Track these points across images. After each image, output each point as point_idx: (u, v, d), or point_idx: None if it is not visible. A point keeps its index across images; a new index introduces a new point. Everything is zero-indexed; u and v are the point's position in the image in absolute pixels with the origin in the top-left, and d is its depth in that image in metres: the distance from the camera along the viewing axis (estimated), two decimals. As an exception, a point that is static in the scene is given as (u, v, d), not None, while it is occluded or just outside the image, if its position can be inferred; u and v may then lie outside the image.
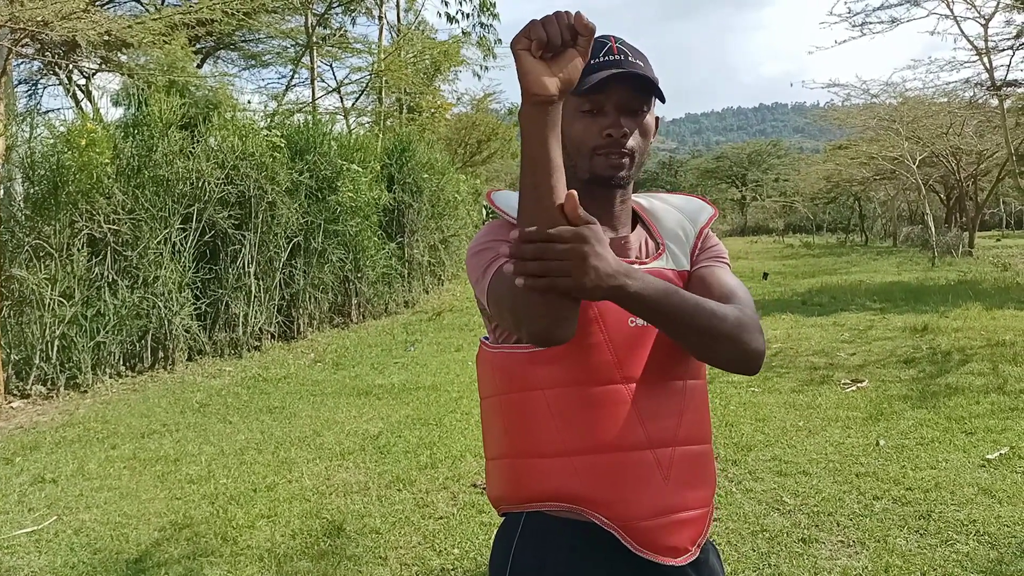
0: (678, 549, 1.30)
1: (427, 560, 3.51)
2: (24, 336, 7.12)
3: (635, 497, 1.28)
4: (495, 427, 1.41)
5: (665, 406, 1.32)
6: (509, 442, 1.36)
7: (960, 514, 3.71)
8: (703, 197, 1.56)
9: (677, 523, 1.30)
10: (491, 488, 1.44)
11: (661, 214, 1.48)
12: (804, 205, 38.36)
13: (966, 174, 23.16)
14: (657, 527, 1.28)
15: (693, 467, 1.34)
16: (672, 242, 1.43)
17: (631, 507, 1.27)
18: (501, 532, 1.40)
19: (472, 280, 1.35)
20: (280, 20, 15.66)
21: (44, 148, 7.60)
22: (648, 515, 1.28)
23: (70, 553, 3.70)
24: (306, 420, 6.06)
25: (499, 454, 1.40)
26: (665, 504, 1.29)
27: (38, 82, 15.69)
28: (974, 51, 12.09)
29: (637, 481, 1.28)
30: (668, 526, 1.29)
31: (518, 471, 1.35)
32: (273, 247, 9.45)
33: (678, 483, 1.31)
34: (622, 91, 1.30)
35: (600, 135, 1.31)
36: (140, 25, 8.39)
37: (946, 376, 6.48)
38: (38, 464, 5.10)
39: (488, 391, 1.42)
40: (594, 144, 1.31)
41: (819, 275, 16.70)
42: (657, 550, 1.28)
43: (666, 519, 1.29)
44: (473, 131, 23.15)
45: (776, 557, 3.37)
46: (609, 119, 1.31)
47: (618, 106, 1.31)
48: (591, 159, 1.32)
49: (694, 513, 1.33)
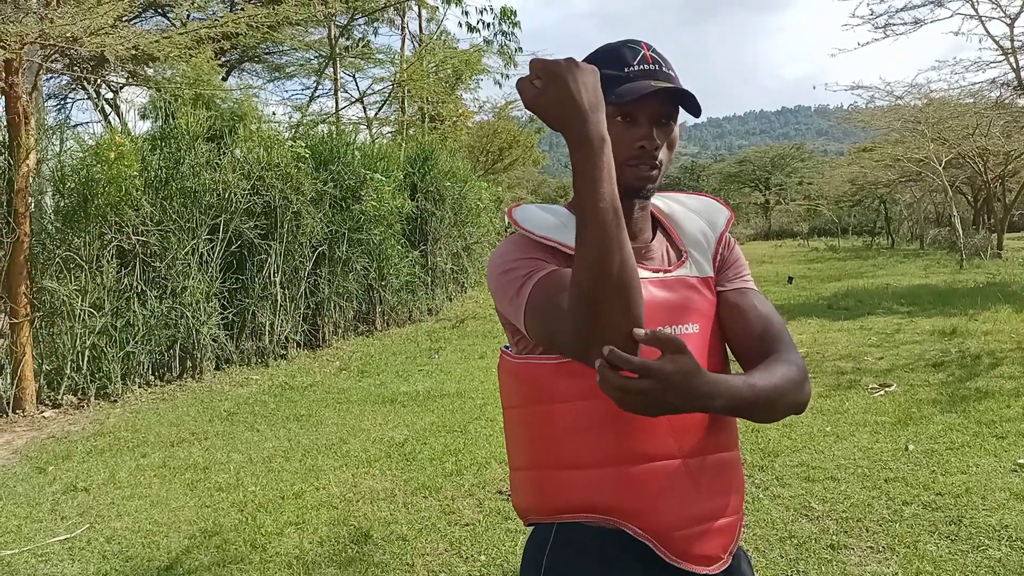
0: (711, 558, 1.30)
1: (454, 567, 3.52)
2: (55, 347, 7.24)
3: (668, 507, 1.27)
4: (521, 438, 1.39)
5: (694, 415, 1.30)
6: (537, 453, 1.35)
7: (992, 519, 3.66)
8: (717, 198, 1.54)
9: (709, 531, 1.30)
10: (518, 499, 1.42)
11: (681, 219, 1.46)
12: (828, 208, 37.99)
13: (993, 175, 22.84)
14: (690, 536, 1.28)
15: (723, 474, 1.35)
16: (694, 248, 1.42)
17: (665, 517, 1.27)
18: (532, 542, 1.39)
19: (502, 299, 1.30)
20: (303, 32, 15.83)
21: (74, 161, 7.73)
22: (682, 524, 1.28)
23: (102, 561, 3.76)
24: (332, 428, 6.11)
25: (526, 465, 1.38)
26: (698, 513, 1.30)
27: (67, 96, 15.99)
28: (1000, 51, 11.95)
29: (670, 491, 1.28)
30: (701, 535, 1.29)
31: (548, 483, 1.33)
32: (298, 256, 9.54)
33: (710, 491, 1.32)
34: (656, 103, 1.29)
35: (632, 146, 1.29)
36: (167, 39, 8.51)
37: (976, 380, 6.40)
38: (70, 473, 5.18)
39: (512, 402, 1.41)
40: (627, 155, 1.29)
41: (845, 279, 16.54)
42: (691, 559, 1.28)
43: (699, 528, 1.29)
44: (494, 139, 23.22)
45: (805, 563, 3.35)
46: (643, 130, 1.29)
47: (651, 117, 1.29)
48: (621, 170, 1.27)
49: (726, 521, 1.33)
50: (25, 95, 6.96)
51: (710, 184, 53.42)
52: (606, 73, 1.25)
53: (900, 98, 17.78)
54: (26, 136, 6.89)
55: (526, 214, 1.36)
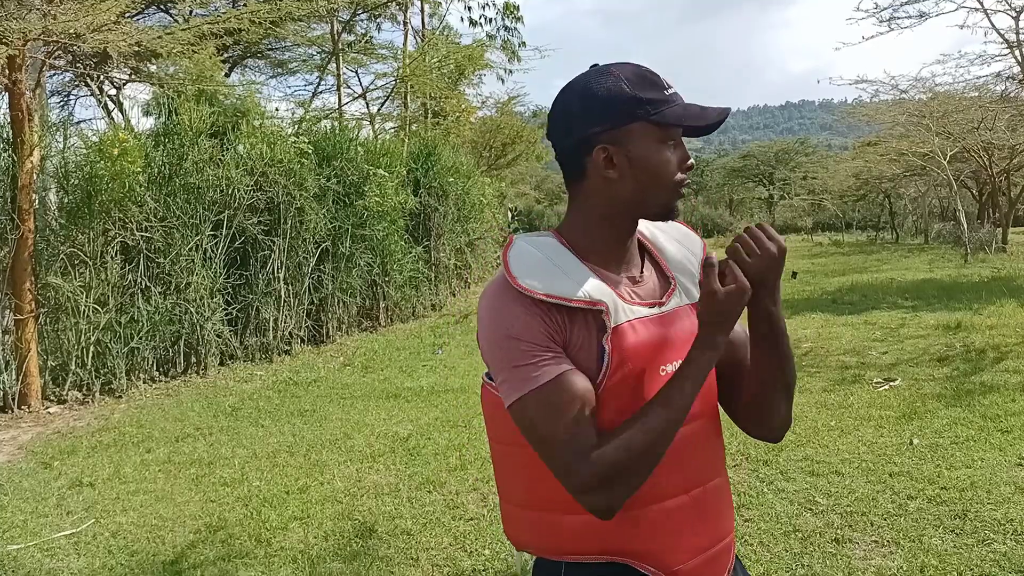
0: None
1: (458, 561, 3.53)
2: (60, 343, 7.26)
3: (678, 543, 1.28)
4: (518, 478, 1.34)
5: (696, 447, 1.31)
6: (542, 495, 1.28)
7: (997, 513, 3.65)
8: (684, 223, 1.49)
9: (713, 557, 1.32)
10: (516, 533, 1.38)
11: (663, 244, 1.43)
12: (833, 203, 37.90)
13: (998, 169, 22.77)
14: (698, 566, 1.29)
15: (719, 498, 1.36)
16: (680, 273, 1.39)
17: (676, 554, 1.27)
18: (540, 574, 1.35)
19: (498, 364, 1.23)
20: (306, 28, 15.80)
21: (77, 158, 7.74)
22: (690, 557, 1.28)
23: (108, 555, 3.77)
24: (337, 423, 6.11)
25: (525, 504, 1.33)
26: (703, 543, 1.31)
27: (70, 93, 15.97)
28: (1005, 44, 11.91)
29: (680, 528, 1.28)
30: (707, 562, 1.31)
31: (553, 526, 1.29)
32: (302, 252, 9.54)
33: (711, 518, 1.33)
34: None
35: (682, 168, 1.29)
36: (169, 36, 8.50)
37: (981, 374, 6.39)
38: (76, 468, 5.19)
39: (504, 438, 1.33)
40: (679, 178, 1.28)
41: (849, 273, 16.51)
42: None
43: (705, 556, 1.30)
44: (498, 134, 23.17)
45: (809, 557, 3.35)
46: (683, 152, 1.29)
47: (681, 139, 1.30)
48: (672, 192, 1.28)
49: (725, 543, 1.35)
50: (29, 92, 6.96)
51: (714, 179, 53.33)
52: (652, 97, 1.25)
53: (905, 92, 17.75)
54: (30, 133, 6.89)
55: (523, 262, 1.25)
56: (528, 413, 1.19)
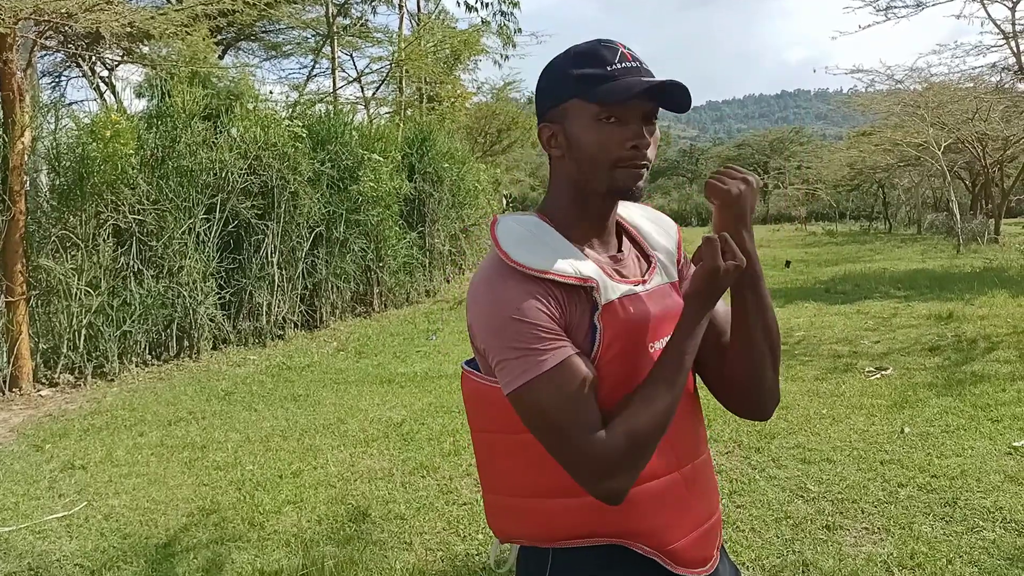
0: (707, 558, 1.32)
1: (451, 545, 3.54)
2: (52, 325, 7.23)
3: (672, 521, 1.28)
4: (508, 465, 1.30)
5: (684, 424, 1.31)
6: (533, 482, 1.26)
7: (986, 501, 3.68)
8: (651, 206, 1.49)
9: (703, 534, 1.32)
10: (501, 524, 1.35)
11: (640, 223, 1.42)
12: (827, 193, 37.89)
13: (992, 160, 22.80)
14: (691, 543, 1.29)
15: (705, 476, 1.37)
16: (660, 252, 1.38)
17: (671, 532, 1.27)
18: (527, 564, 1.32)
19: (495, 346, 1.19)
20: (301, 10, 15.71)
21: (69, 139, 7.68)
22: (683, 534, 1.28)
23: (100, 538, 3.77)
24: (330, 408, 6.11)
25: (517, 492, 1.30)
26: (695, 519, 1.31)
27: (62, 74, 15.86)
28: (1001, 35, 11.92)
29: (673, 505, 1.28)
30: (698, 539, 1.30)
31: (541, 512, 1.27)
32: (296, 237, 9.51)
33: (700, 496, 1.33)
34: (643, 100, 1.23)
35: (623, 146, 1.23)
36: (162, 16, 8.43)
37: (972, 364, 6.42)
38: (67, 451, 5.18)
39: (486, 426, 1.32)
40: (618, 156, 1.23)
41: (842, 263, 16.55)
42: (692, 564, 1.29)
43: (698, 532, 1.31)
44: (493, 120, 23.10)
45: (800, 544, 3.37)
46: (632, 130, 1.23)
47: (639, 116, 1.24)
48: (612, 171, 1.24)
49: (715, 518, 1.36)
50: (20, 72, 6.90)
51: (708, 168, 53.32)
52: (587, 73, 1.22)
53: (900, 82, 17.75)
54: (21, 113, 6.84)
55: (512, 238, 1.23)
56: (536, 398, 1.16)
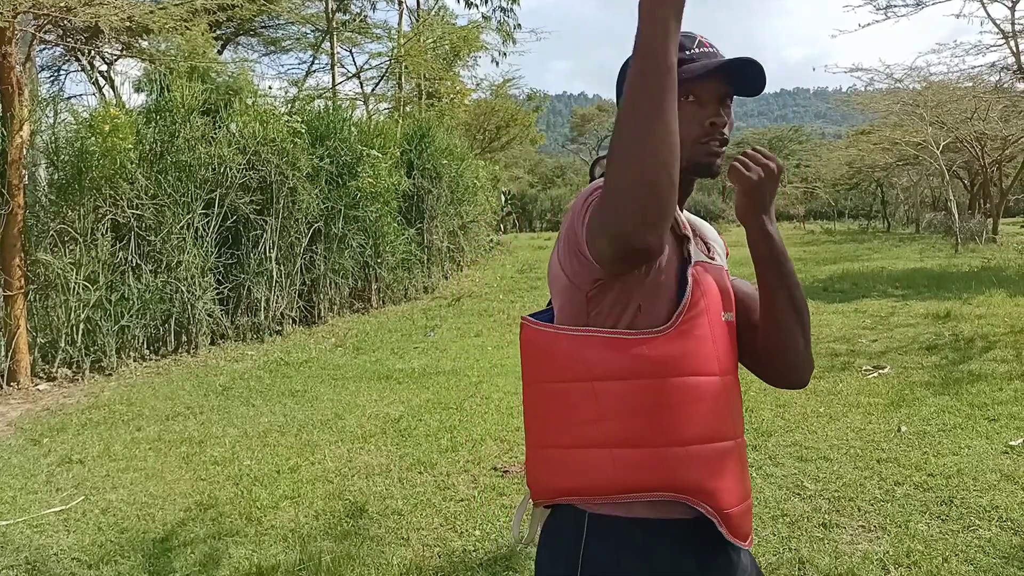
0: (749, 533, 1.34)
1: (448, 541, 3.54)
2: (50, 320, 7.22)
3: (730, 485, 1.30)
4: (569, 415, 1.29)
5: (738, 399, 1.39)
6: (593, 431, 1.26)
7: (982, 500, 3.69)
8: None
9: (748, 508, 1.35)
10: (553, 478, 1.31)
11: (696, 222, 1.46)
12: (825, 191, 37.92)
13: (990, 160, 22.82)
14: (740, 513, 1.31)
15: (746, 456, 1.41)
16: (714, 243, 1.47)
17: (728, 496, 1.29)
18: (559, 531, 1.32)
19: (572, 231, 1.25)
20: (300, 6, 15.65)
21: (68, 134, 7.68)
22: (738, 502, 1.30)
23: (97, 532, 3.77)
24: (328, 403, 6.12)
25: (572, 443, 1.28)
26: (745, 490, 1.34)
27: (60, 68, 15.80)
28: (1000, 35, 11.92)
29: (732, 470, 1.31)
30: (744, 512, 1.33)
31: (605, 461, 1.25)
32: (294, 232, 9.51)
33: (746, 470, 1.38)
34: (722, 81, 1.30)
35: (704, 124, 1.30)
36: (162, 11, 8.41)
37: (969, 363, 6.43)
38: (65, 445, 5.18)
39: (552, 376, 1.31)
40: (697, 134, 1.30)
41: (840, 261, 16.56)
42: (739, 535, 1.30)
43: (744, 505, 1.33)
44: (492, 117, 23.10)
45: (797, 541, 3.37)
46: (711, 108, 1.30)
47: (717, 96, 1.31)
48: (693, 148, 1.29)
49: (751, 499, 1.39)
50: (19, 66, 6.89)
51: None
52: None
53: (899, 81, 17.76)
54: (20, 107, 6.83)
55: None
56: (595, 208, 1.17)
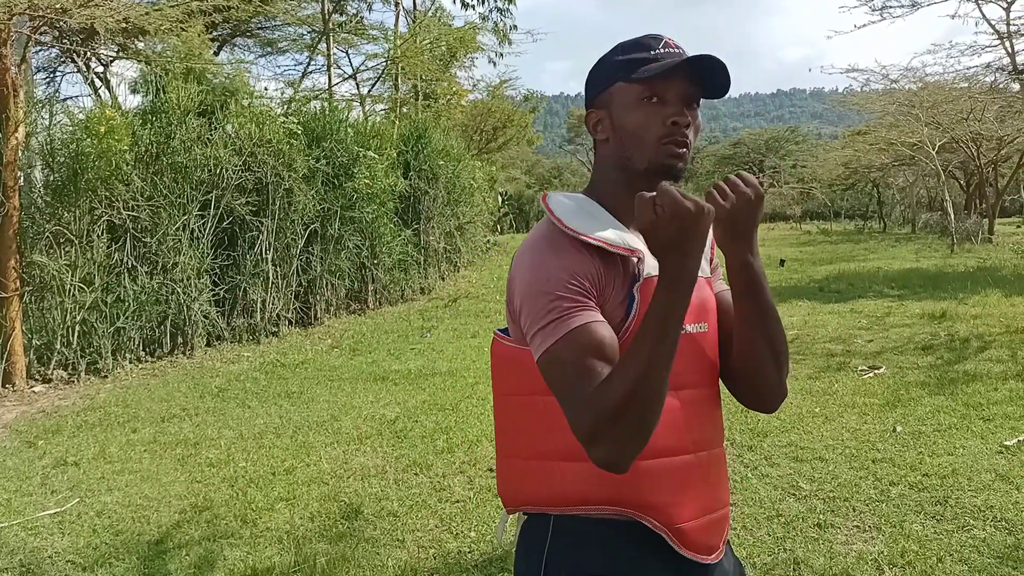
0: (713, 547, 1.33)
1: (444, 543, 3.54)
2: (45, 321, 7.21)
3: (684, 500, 1.29)
4: (526, 426, 1.34)
5: (704, 412, 1.35)
6: (549, 444, 1.29)
7: (977, 500, 3.70)
8: None
9: (713, 522, 1.34)
10: (518, 487, 1.37)
11: None
12: (822, 192, 37.99)
13: (986, 160, 22.89)
14: (699, 527, 1.30)
15: (719, 467, 1.39)
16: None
17: (680, 510, 1.28)
18: (527, 534, 1.36)
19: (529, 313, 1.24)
20: (296, 7, 15.66)
21: (63, 135, 7.67)
22: (693, 517, 1.30)
23: (92, 535, 3.76)
24: (324, 405, 6.11)
25: (533, 455, 1.32)
26: (706, 505, 1.33)
27: (56, 70, 15.77)
28: (996, 35, 11.95)
29: (685, 486, 1.30)
30: (707, 526, 1.32)
31: (559, 473, 1.29)
32: (290, 234, 9.50)
33: (714, 483, 1.36)
34: (684, 82, 1.28)
35: (664, 124, 1.27)
36: (157, 12, 8.41)
37: (964, 363, 6.44)
38: (60, 447, 5.17)
39: (511, 389, 1.36)
40: (658, 133, 1.28)
41: (836, 262, 16.59)
42: (698, 550, 1.30)
43: (705, 519, 1.32)
44: (489, 118, 23.09)
45: (791, 542, 3.38)
46: (673, 108, 1.28)
47: (680, 96, 1.28)
48: (654, 148, 1.28)
49: (723, 511, 1.37)
50: (14, 67, 6.88)
51: (704, 167, 53.37)
52: (631, 57, 1.28)
53: (895, 81, 17.80)
54: (15, 109, 6.82)
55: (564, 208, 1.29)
56: (560, 355, 1.19)
